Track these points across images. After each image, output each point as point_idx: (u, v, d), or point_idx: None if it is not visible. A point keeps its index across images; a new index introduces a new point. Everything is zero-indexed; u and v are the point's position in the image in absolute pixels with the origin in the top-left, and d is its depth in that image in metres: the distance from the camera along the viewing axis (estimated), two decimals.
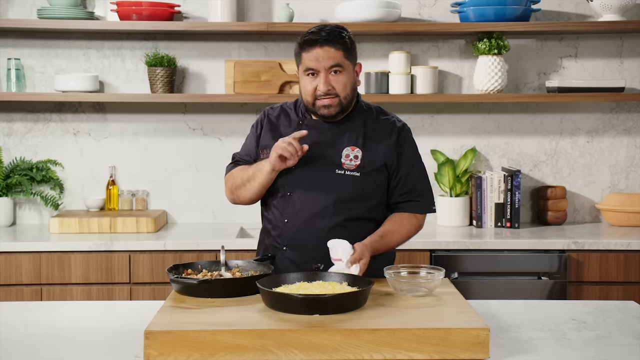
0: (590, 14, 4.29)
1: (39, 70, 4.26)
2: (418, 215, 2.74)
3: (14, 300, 3.68)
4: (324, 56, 2.55)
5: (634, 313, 2.48)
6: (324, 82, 2.56)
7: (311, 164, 2.64)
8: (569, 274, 3.77)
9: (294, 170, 2.64)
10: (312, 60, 2.56)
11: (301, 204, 2.65)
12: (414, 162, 2.74)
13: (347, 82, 2.60)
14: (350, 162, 2.64)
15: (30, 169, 4.22)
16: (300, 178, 2.65)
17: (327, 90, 2.57)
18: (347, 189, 2.64)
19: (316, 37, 2.57)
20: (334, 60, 2.56)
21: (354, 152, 2.65)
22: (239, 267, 2.56)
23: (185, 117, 4.31)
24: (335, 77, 2.58)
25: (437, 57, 4.32)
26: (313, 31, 2.60)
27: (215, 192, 4.31)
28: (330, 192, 2.63)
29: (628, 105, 4.35)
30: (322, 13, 4.25)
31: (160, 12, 4.07)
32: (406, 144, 2.72)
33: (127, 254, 3.73)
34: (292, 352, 1.98)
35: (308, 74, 2.59)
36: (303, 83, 2.62)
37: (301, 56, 2.60)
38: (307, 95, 2.62)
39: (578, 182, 4.39)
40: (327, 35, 2.57)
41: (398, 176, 2.69)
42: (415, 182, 2.72)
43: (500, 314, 2.46)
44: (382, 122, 2.72)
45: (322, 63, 2.56)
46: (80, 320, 2.39)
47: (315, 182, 2.64)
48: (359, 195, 2.65)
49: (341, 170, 2.64)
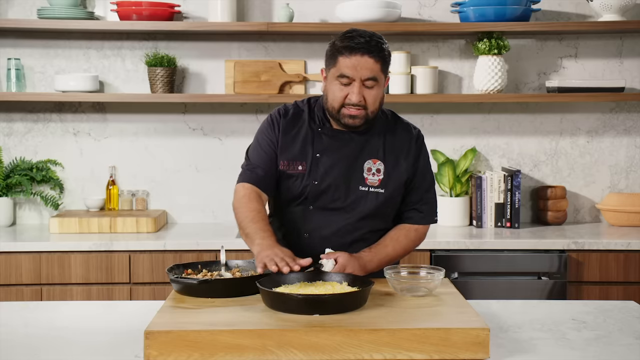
0: (590, 14, 4.29)
1: (39, 70, 4.26)
2: (420, 228, 2.69)
3: (14, 300, 3.68)
4: (363, 66, 2.44)
5: (634, 313, 2.48)
6: (357, 92, 2.46)
7: (334, 179, 2.57)
8: (569, 274, 3.77)
9: (315, 185, 2.57)
10: (349, 67, 2.45)
11: (323, 220, 2.59)
12: (426, 171, 2.68)
13: (377, 96, 2.50)
14: (373, 177, 2.58)
15: (30, 169, 4.22)
16: (322, 193, 2.58)
17: (359, 101, 2.47)
18: (371, 206, 2.59)
19: (358, 45, 2.44)
20: (372, 73, 2.46)
21: (376, 165, 2.59)
22: (239, 267, 2.55)
23: (185, 117, 4.31)
24: (369, 90, 2.47)
25: (437, 57, 4.32)
26: (354, 36, 2.46)
27: (215, 192, 4.31)
28: (354, 209, 2.59)
29: (628, 105, 4.35)
30: (322, 13, 4.25)
31: (160, 12, 4.07)
32: (421, 153, 2.66)
33: (127, 254, 3.73)
34: (292, 352, 1.98)
35: (342, 80, 2.48)
36: (332, 88, 2.50)
37: (337, 60, 2.47)
38: (334, 101, 2.51)
39: (578, 182, 4.39)
40: (369, 45, 2.45)
41: (411, 185, 2.65)
42: (424, 192, 2.67)
43: (500, 314, 2.46)
44: (399, 131, 2.65)
45: (360, 73, 2.45)
46: (80, 320, 2.39)
47: (339, 199, 2.58)
48: (382, 211, 2.62)
49: (365, 187, 2.58)
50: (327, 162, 2.58)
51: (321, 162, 2.58)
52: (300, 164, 2.59)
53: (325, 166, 2.58)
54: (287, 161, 2.60)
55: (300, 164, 2.59)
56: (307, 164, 2.58)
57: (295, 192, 2.60)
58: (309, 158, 2.59)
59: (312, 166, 2.58)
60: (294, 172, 2.59)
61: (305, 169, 2.58)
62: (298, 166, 2.59)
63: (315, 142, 2.60)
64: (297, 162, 2.59)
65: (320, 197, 2.58)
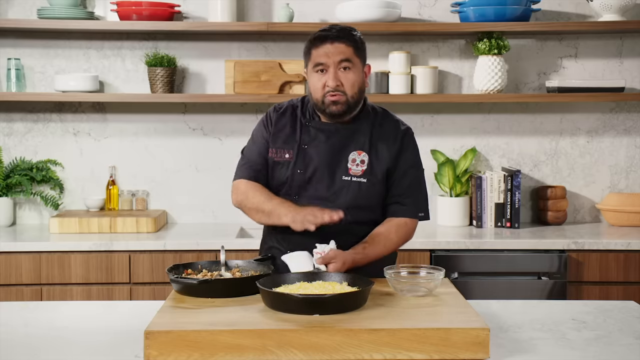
0: (590, 14, 4.29)
1: (39, 70, 4.26)
2: (408, 222, 2.68)
3: (14, 300, 3.68)
4: (334, 51, 2.55)
5: (634, 313, 2.48)
6: (333, 77, 2.55)
7: (318, 169, 2.64)
8: (568, 274, 3.77)
9: (300, 174, 2.64)
10: (321, 55, 2.56)
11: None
12: (410, 166, 2.69)
13: (355, 80, 2.58)
14: (357, 167, 2.63)
15: (30, 169, 4.22)
16: (306, 182, 2.65)
17: (336, 85, 2.55)
18: (353, 195, 2.62)
19: (327, 34, 2.57)
20: (344, 55, 2.56)
21: (361, 156, 2.64)
22: (239, 267, 2.56)
23: (185, 117, 4.31)
24: (344, 73, 2.57)
25: (437, 57, 4.32)
26: (324, 29, 2.61)
27: (215, 192, 4.31)
28: (337, 199, 2.62)
29: (628, 105, 4.35)
30: (322, 13, 4.25)
31: (160, 12, 4.07)
32: (407, 147, 2.69)
33: (127, 254, 3.73)
34: (292, 352, 1.98)
35: (317, 70, 2.58)
36: (312, 80, 2.60)
37: (310, 53, 2.59)
38: (316, 92, 2.60)
39: (578, 182, 4.39)
40: (337, 32, 2.58)
41: (392, 178, 2.67)
42: (407, 186, 2.67)
43: (500, 314, 2.46)
44: (387, 126, 2.70)
45: (332, 58, 2.55)
46: (80, 320, 2.39)
47: (322, 188, 2.63)
48: (365, 201, 2.64)
49: (347, 177, 2.63)
50: (313, 152, 2.65)
51: (307, 153, 2.66)
52: (287, 152, 2.68)
53: (310, 156, 2.65)
54: (276, 149, 2.70)
55: (287, 152, 2.68)
56: (294, 152, 2.67)
57: (282, 180, 2.68)
58: (296, 148, 2.67)
59: (299, 156, 2.66)
60: (280, 160, 2.68)
61: (292, 157, 2.66)
62: (285, 154, 2.68)
63: (302, 133, 2.68)
64: (284, 150, 2.68)
65: (304, 187, 2.65)
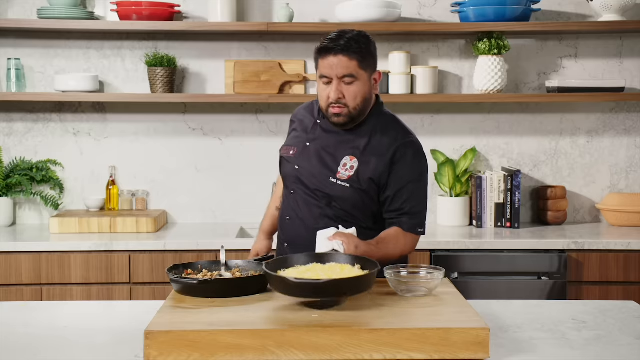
0: (590, 14, 4.29)
1: (39, 70, 4.26)
2: (408, 235, 2.67)
3: (14, 300, 3.68)
4: (338, 65, 2.54)
5: (634, 313, 2.48)
6: (335, 90, 2.56)
7: (313, 167, 2.68)
8: (568, 274, 3.77)
9: (297, 168, 2.71)
10: (326, 67, 2.56)
11: (301, 204, 2.71)
12: (407, 181, 2.64)
13: (358, 92, 2.58)
14: (345, 171, 2.63)
15: (30, 169, 4.22)
16: (302, 178, 2.70)
17: (338, 98, 2.57)
18: (337, 197, 2.64)
19: (332, 45, 2.54)
20: (347, 70, 2.54)
21: (352, 162, 2.64)
22: (239, 267, 2.56)
23: (185, 117, 4.31)
24: (347, 87, 2.57)
25: (437, 57, 4.32)
26: (332, 38, 2.57)
27: (216, 192, 4.32)
28: (323, 198, 2.66)
29: (628, 105, 4.35)
30: (322, 13, 4.25)
31: (160, 12, 4.07)
32: (401, 161, 2.63)
33: (127, 254, 3.73)
34: (292, 352, 1.98)
35: (322, 80, 2.59)
36: (319, 88, 2.63)
37: (318, 62, 2.60)
38: (321, 100, 2.63)
39: (578, 182, 4.39)
40: (343, 44, 2.54)
41: (385, 194, 2.64)
42: (404, 202, 2.64)
43: (500, 314, 2.46)
44: (385, 136, 2.66)
45: (335, 71, 2.55)
46: (80, 320, 2.39)
47: (312, 186, 2.68)
48: (350, 205, 2.65)
49: (334, 179, 2.64)
50: (312, 151, 2.70)
51: (307, 151, 2.71)
52: (292, 149, 2.76)
53: (308, 154, 2.70)
54: (286, 146, 2.80)
55: (292, 149, 2.76)
56: (298, 150, 2.73)
57: (284, 175, 2.79)
58: (301, 145, 2.74)
59: (300, 153, 2.73)
60: (286, 155, 2.78)
61: (295, 154, 2.74)
62: (290, 151, 2.77)
63: (309, 132, 2.75)
64: (291, 147, 2.77)
65: (297, 183, 2.71)
